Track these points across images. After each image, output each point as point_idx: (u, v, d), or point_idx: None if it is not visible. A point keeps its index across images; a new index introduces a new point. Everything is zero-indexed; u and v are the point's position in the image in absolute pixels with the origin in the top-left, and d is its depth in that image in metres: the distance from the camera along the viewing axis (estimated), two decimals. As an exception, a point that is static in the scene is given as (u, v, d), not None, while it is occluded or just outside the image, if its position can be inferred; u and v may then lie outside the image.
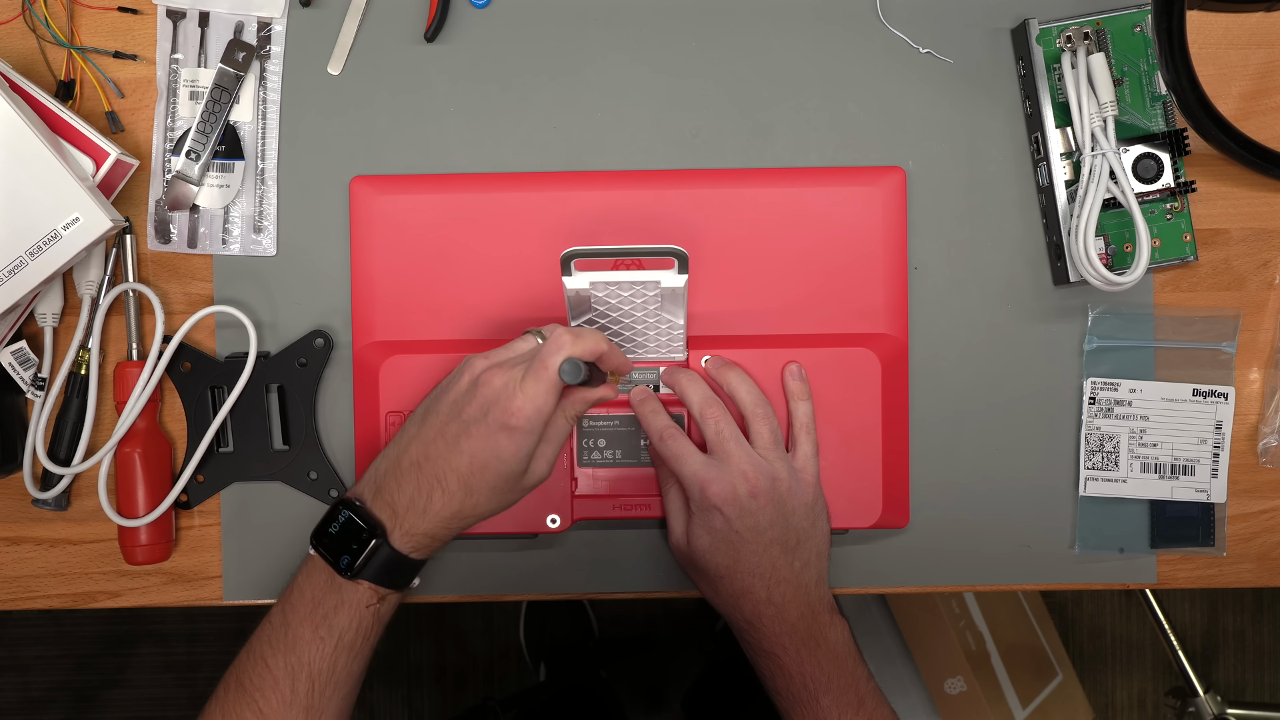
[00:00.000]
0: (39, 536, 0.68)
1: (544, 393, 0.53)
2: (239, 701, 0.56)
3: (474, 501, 0.55)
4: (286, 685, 0.55)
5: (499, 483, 0.55)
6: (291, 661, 0.55)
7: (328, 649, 0.56)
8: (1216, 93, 0.63)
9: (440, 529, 0.56)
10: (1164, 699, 1.46)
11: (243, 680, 0.57)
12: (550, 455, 0.57)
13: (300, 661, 0.55)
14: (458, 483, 0.55)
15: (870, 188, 0.64)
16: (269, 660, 0.56)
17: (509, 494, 0.56)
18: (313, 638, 0.56)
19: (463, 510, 0.55)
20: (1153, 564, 0.67)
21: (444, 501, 0.55)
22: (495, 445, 0.54)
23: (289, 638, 0.56)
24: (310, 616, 0.56)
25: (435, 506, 0.55)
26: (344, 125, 0.66)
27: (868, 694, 0.60)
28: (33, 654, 1.48)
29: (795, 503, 0.60)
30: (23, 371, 0.65)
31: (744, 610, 0.60)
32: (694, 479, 0.59)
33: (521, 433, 0.53)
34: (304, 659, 0.55)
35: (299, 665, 0.55)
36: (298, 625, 0.56)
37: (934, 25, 0.66)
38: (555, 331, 0.54)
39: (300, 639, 0.56)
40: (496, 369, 0.55)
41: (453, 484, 0.55)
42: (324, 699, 0.56)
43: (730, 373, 0.63)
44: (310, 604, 0.56)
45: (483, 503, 0.55)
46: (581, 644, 1.39)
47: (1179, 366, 0.66)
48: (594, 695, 1.27)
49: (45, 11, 0.65)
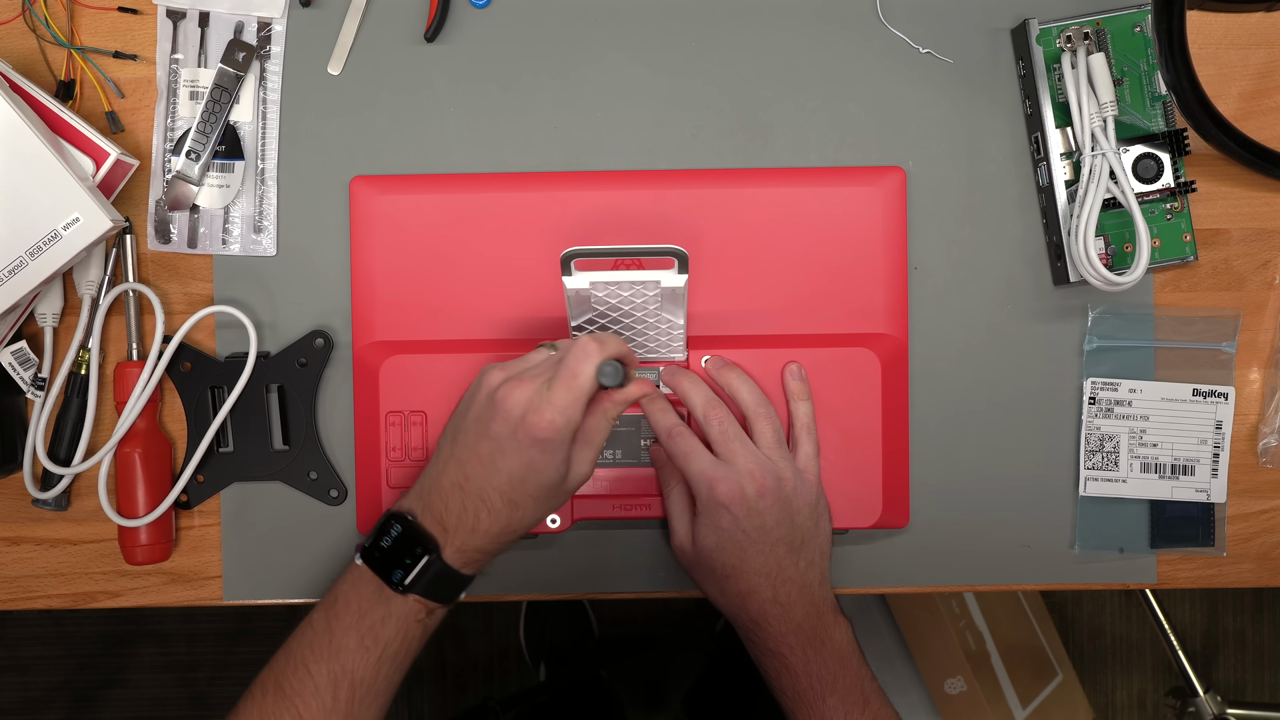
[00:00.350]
0: (39, 536, 0.68)
1: (574, 402, 0.52)
2: (278, 705, 0.56)
3: (521, 515, 0.55)
4: (328, 692, 0.55)
5: (541, 493, 0.55)
6: (335, 669, 0.55)
7: (372, 658, 0.55)
8: (1216, 93, 0.63)
9: (491, 544, 0.56)
10: (1164, 699, 1.46)
11: (282, 684, 0.56)
12: (590, 457, 0.56)
13: (344, 669, 0.55)
14: (501, 500, 0.54)
15: (870, 188, 0.64)
16: (310, 666, 0.56)
17: (553, 500, 0.56)
18: (358, 647, 0.55)
19: (511, 525, 0.55)
20: (1153, 564, 0.67)
21: (491, 519, 0.55)
22: (530, 460, 0.53)
23: (333, 645, 0.56)
24: (356, 626, 0.56)
25: (484, 524, 0.55)
26: (344, 125, 0.66)
27: (872, 694, 0.60)
28: (33, 654, 1.48)
29: (800, 502, 0.60)
30: (23, 371, 0.65)
31: (750, 610, 0.60)
32: (702, 477, 0.59)
33: (554, 445, 0.53)
34: (347, 667, 0.55)
35: (342, 673, 0.55)
36: (343, 634, 0.56)
37: (934, 25, 0.66)
38: (580, 340, 0.54)
39: (345, 647, 0.55)
40: (516, 382, 0.54)
41: (496, 502, 0.55)
42: (363, 706, 0.56)
43: (730, 373, 0.63)
44: (356, 614, 0.56)
45: (529, 514, 0.55)
46: (581, 644, 1.39)
47: (1179, 366, 0.66)
48: (594, 695, 1.27)
49: (45, 11, 0.65)
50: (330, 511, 0.67)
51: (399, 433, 0.64)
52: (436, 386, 0.64)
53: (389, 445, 0.64)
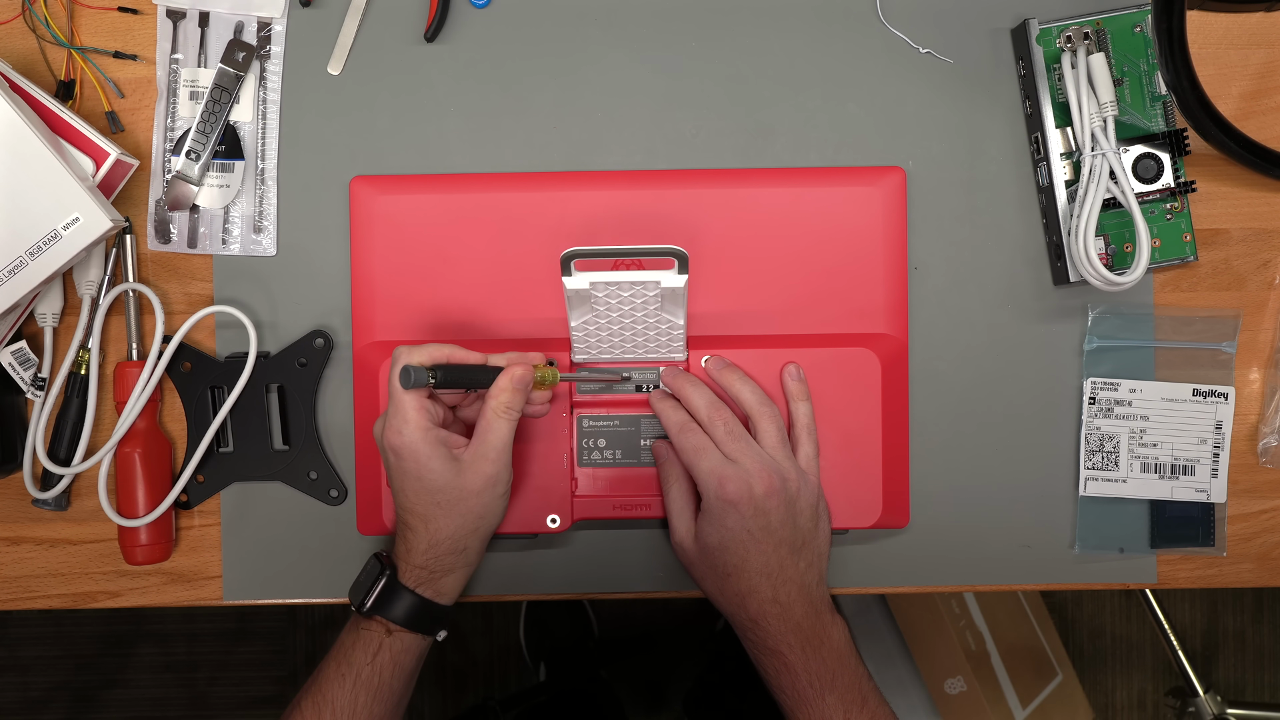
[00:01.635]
0: (39, 536, 0.68)
1: (398, 413, 0.57)
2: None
3: (435, 527, 0.58)
4: None
5: (434, 497, 0.57)
6: (317, 699, 0.59)
7: (347, 685, 0.59)
8: (1216, 93, 0.63)
9: (430, 561, 0.59)
10: (1164, 699, 1.46)
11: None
12: (487, 455, 0.57)
13: (324, 698, 0.59)
14: (413, 518, 0.59)
15: (870, 188, 0.64)
16: (301, 704, 0.60)
17: (458, 504, 0.58)
18: (335, 675, 0.59)
19: (433, 538, 0.58)
20: (1153, 564, 0.67)
21: (414, 538, 0.59)
22: (403, 470, 0.57)
23: (318, 680, 0.60)
24: (334, 656, 0.60)
25: (412, 545, 0.59)
26: (344, 125, 0.66)
27: (870, 692, 0.60)
28: (33, 654, 1.48)
29: (803, 503, 0.60)
30: (23, 371, 0.65)
31: (749, 609, 0.60)
32: (712, 474, 0.59)
33: (405, 448, 0.57)
34: (326, 695, 0.59)
35: (323, 702, 0.59)
36: (325, 667, 0.60)
37: (934, 25, 0.66)
38: None
39: (325, 678, 0.60)
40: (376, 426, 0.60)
41: (411, 521, 0.59)
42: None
43: (731, 374, 0.63)
44: (337, 647, 0.61)
45: (444, 524, 0.58)
46: (581, 644, 1.39)
47: (1179, 366, 0.66)
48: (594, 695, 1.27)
49: (45, 11, 0.65)
50: (330, 511, 0.67)
51: (399, 433, 0.64)
52: (436, 386, 0.64)
53: (389, 445, 0.64)
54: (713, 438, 0.61)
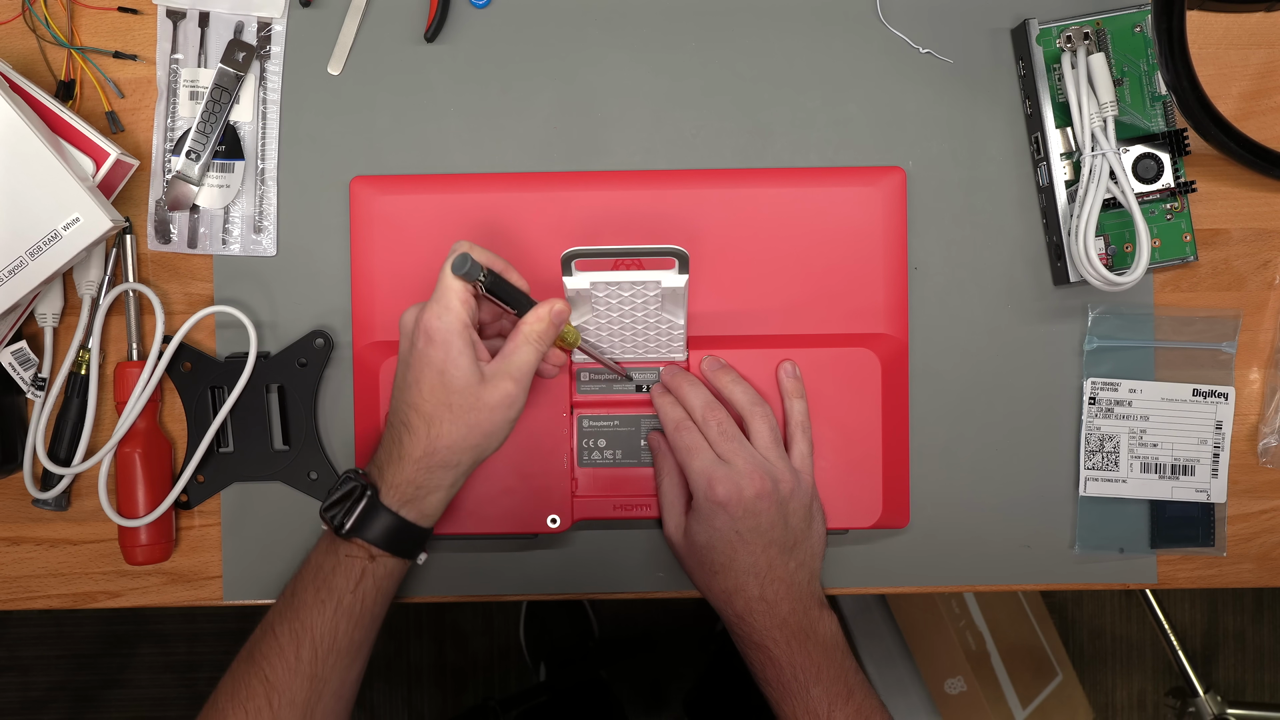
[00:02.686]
0: (39, 536, 0.68)
1: (443, 296, 0.55)
2: (247, 671, 0.57)
3: (438, 431, 0.55)
4: (291, 652, 0.56)
5: (448, 397, 0.55)
6: (295, 627, 0.56)
7: (328, 612, 0.56)
8: (1216, 93, 0.63)
9: (420, 474, 0.56)
10: (1164, 699, 1.46)
11: (252, 651, 0.57)
12: (511, 376, 0.56)
13: (303, 626, 0.56)
14: (417, 417, 0.55)
15: (870, 188, 0.64)
16: (276, 628, 0.57)
17: (469, 412, 0.55)
18: (314, 601, 0.57)
19: (431, 444, 0.55)
20: (1153, 564, 0.67)
21: (412, 441, 0.56)
22: (428, 358, 0.55)
23: (294, 604, 0.57)
24: (313, 581, 0.57)
25: (407, 450, 0.56)
26: (344, 125, 0.66)
27: (856, 685, 0.60)
28: (33, 654, 1.48)
29: (795, 504, 0.61)
30: (23, 371, 0.65)
31: (735, 606, 0.60)
32: (702, 474, 0.59)
33: (440, 335, 0.54)
34: (306, 623, 0.56)
35: (302, 630, 0.56)
36: (302, 591, 0.57)
37: (934, 25, 0.66)
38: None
39: (303, 604, 0.57)
40: (408, 310, 0.57)
41: (413, 420, 0.56)
42: (327, 667, 0.57)
43: (725, 375, 0.63)
44: (313, 570, 0.58)
45: (448, 429, 0.55)
46: (581, 644, 1.39)
47: (1179, 366, 0.66)
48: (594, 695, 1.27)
49: (45, 11, 0.65)
50: (330, 511, 0.67)
51: (399, 433, 0.64)
52: (436, 386, 0.64)
53: (389, 445, 0.64)
54: (706, 437, 0.61)
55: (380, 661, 1.46)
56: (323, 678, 0.56)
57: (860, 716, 0.59)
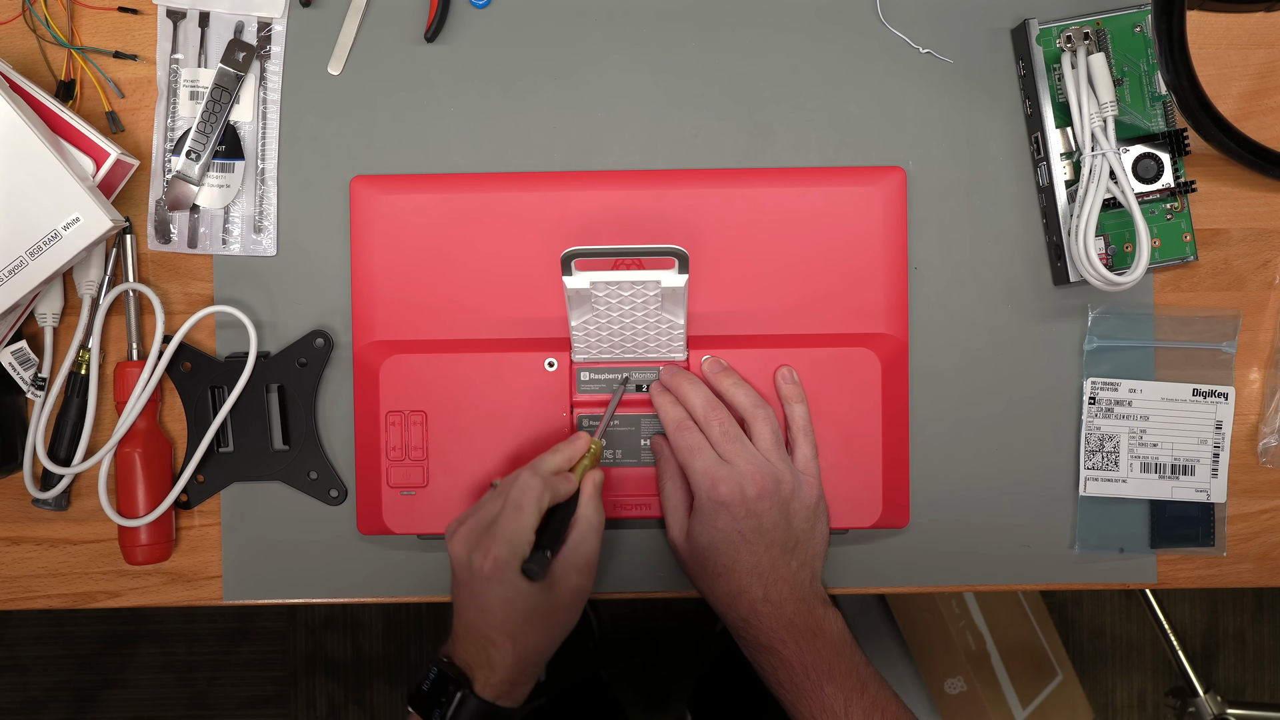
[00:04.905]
0: (39, 536, 0.68)
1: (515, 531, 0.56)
2: None
3: (525, 643, 0.56)
4: None
5: (529, 616, 0.56)
6: None
7: None
8: (1216, 93, 0.63)
9: (515, 674, 0.57)
10: (1164, 699, 1.46)
11: None
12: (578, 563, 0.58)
13: None
14: (500, 636, 0.56)
15: (870, 188, 0.64)
16: None
17: (549, 619, 0.57)
18: None
19: (523, 654, 0.56)
20: (1153, 564, 0.67)
21: (500, 655, 0.56)
22: (499, 595, 0.55)
23: None
24: None
25: (496, 660, 0.56)
26: (344, 125, 0.66)
27: (869, 678, 0.60)
28: (33, 654, 1.48)
29: (798, 505, 0.60)
30: (23, 371, 0.65)
31: (739, 609, 0.60)
32: (705, 474, 0.59)
33: (504, 576, 0.55)
34: None
35: None
36: None
37: (934, 25, 0.66)
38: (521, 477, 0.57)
39: None
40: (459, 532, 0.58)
41: (497, 639, 0.56)
42: None
43: (726, 377, 0.63)
44: None
45: (533, 640, 0.56)
46: (581, 644, 1.39)
47: (1179, 366, 0.66)
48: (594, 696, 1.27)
49: (45, 11, 0.65)
50: (330, 511, 0.67)
51: (399, 433, 0.64)
52: (436, 386, 0.64)
53: (389, 445, 0.64)
54: (708, 437, 0.61)
55: (380, 661, 1.46)
56: None
57: (877, 709, 0.59)
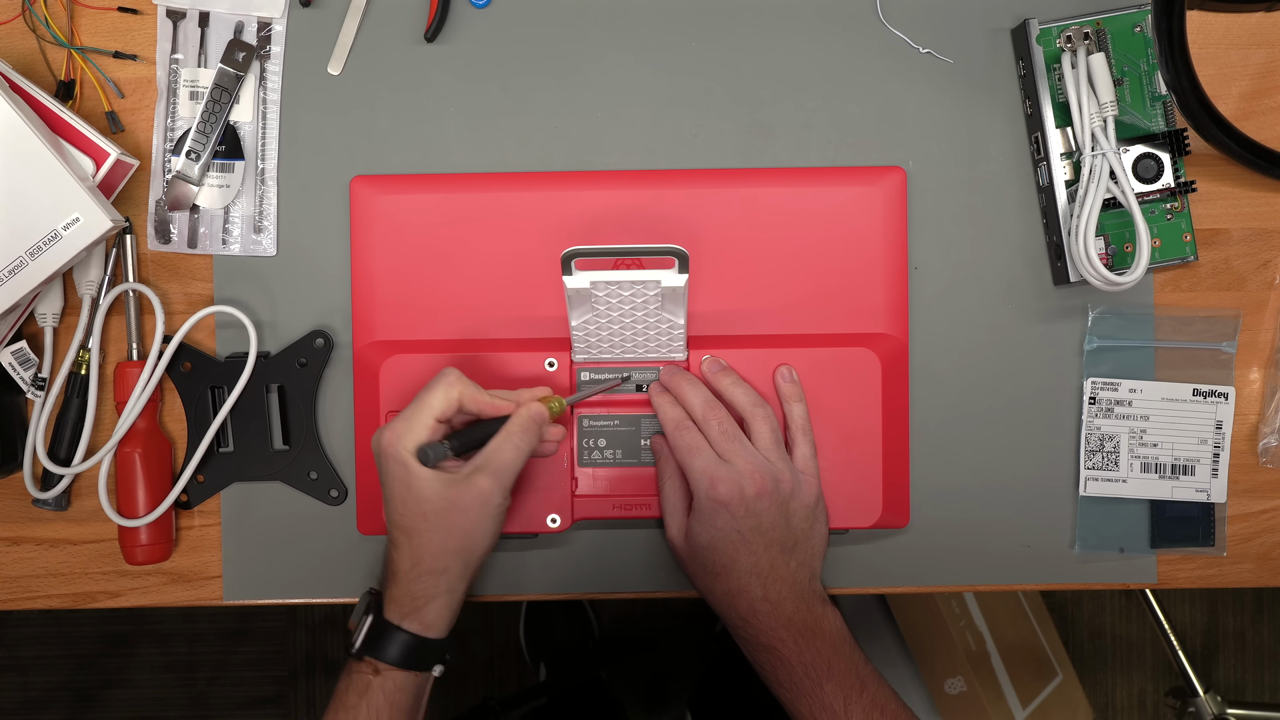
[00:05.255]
0: (39, 536, 0.68)
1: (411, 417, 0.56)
2: None
3: (419, 543, 0.56)
4: None
5: (420, 507, 0.56)
6: None
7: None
8: (1216, 93, 0.63)
9: (412, 585, 0.57)
10: (1164, 699, 1.46)
11: None
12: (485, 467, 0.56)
13: None
14: (399, 533, 0.57)
15: (870, 188, 0.64)
16: None
17: (448, 518, 0.56)
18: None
19: (416, 555, 0.56)
20: (1153, 564, 0.67)
21: (398, 557, 0.57)
22: (392, 476, 0.56)
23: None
24: (331, 705, 0.59)
25: (397, 565, 0.57)
26: (344, 125, 0.66)
27: (868, 676, 0.60)
28: (33, 654, 1.48)
29: (797, 504, 0.60)
30: (23, 371, 0.65)
31: (739, 608, 0.60)
32: (704, 474, 0.59)
33: (392, 448, 0.56)
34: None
35: None
36: (325, 716, 0.59)
37: (934, 25, 0.66)
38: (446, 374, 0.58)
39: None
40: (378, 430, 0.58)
41: (397, 536, 0.57)
42: None
43: (725, 377, 0.63)
44: (334, 694, 0.59)
45: (429, 539, 0.56)
46: (581, 644, 1.39)
47: (1179, 366, 0.66)
48: (594, 696, 1.27)
49: (45, 11, 0.65)
50: (330, 511, 0.67)
51: (399, 433, 0.64)
52: (436, 386, 0.64)
53: (389, 445, 0.64)
54: (707, 437, 0.61)
55: (380, 661, 1.46)
56: None
57: (876, 707, 0.59)
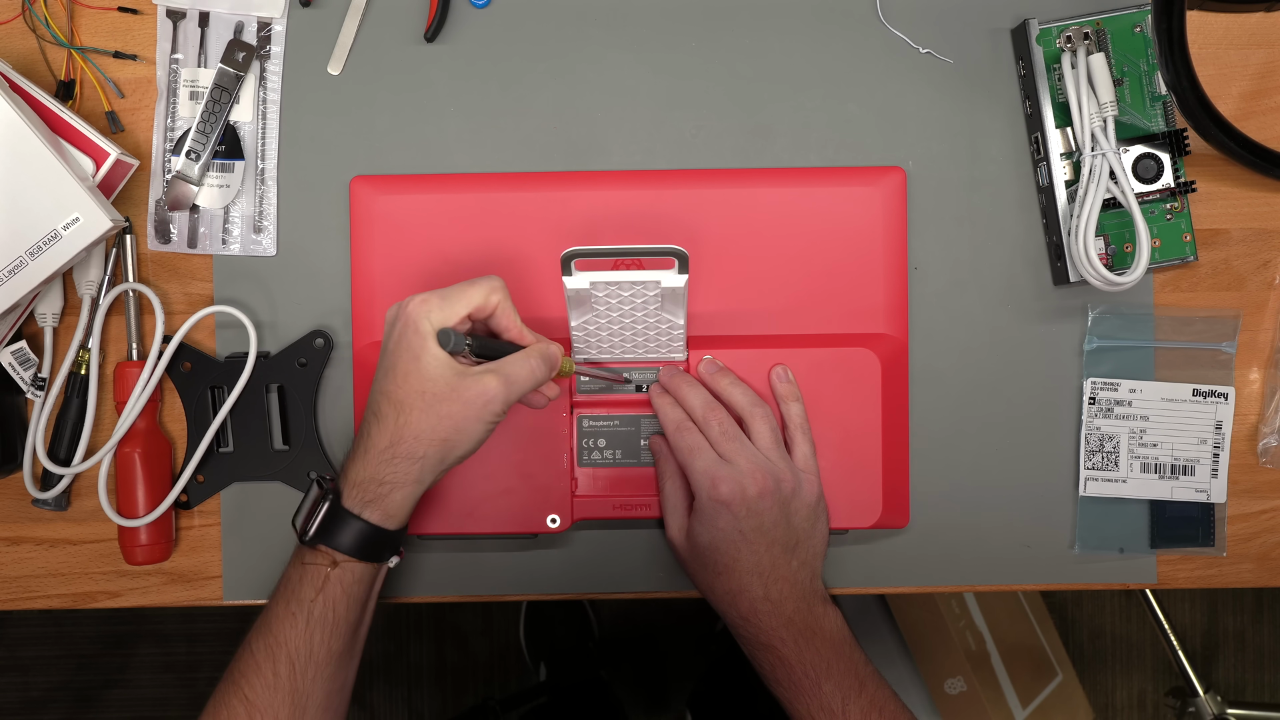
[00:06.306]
0: (39, 536, 0.68)
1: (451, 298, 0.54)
2: (228, 691, 0.56)
3: (406, 419, 0.53)
4: (268, 668, 0.55)
5: (422, 384, 0.53)
6: (269, 642, 0.55)
7: (300, 625, 0.55)
8: (1216, 93, 0.63)
9: (382, 467, 0.54)
10: (1164, 699, 1.46)
11: (232, 671, 0.57)
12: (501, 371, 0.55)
13: (277, 641, 0.55)
14: (388, 404, 0.54)
15: (870, 188, 0.64)
16: (252, 645, 0.56)
17: (443, 402, 0.53)
18: (284, 614, 0.56)
19: (398, 433, 0.54)
20: (1153, 564, 0.67)
21: (379, 431, 0.54)
22: (406, 344, 0.54)
23: (267, 619, 0.56)
24: (283, 594, 0.56)
25: (373, 440, 0.54)
26: (344, 125, 0.66)
27: (867, 677, 0.60)
28: (33, 654, 1.48)
29: (798, 503, 0.61)
30: (23, 371, 0.65)
31: (739, 607, 0.60)
32: (705, 474, 0.59)
33: (415, 318, 0.53)
34: (279, 638, 0.55)
35: (276, 645, 0.55)
36: (273, 605, 0.57)
37: (934, 25, 0.66)
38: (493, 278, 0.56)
39: (275, 617, 0.56)
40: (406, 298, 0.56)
41: (384, 407, 0.54)
42: (307, 680, 0.55)
43: (723, 378, 0.63)
44: (284, 582, 0.57)
45: (417, 418, 0.53)
46: (581, 644, 1.39)
47: (1179, 366, 0.66)
48: (594, 696, 1.27)
49: (45, 11, 0.65)
50: (330, 511, 0.67)
51: (399, 433, 0.64)
52: (436, 386, 0.64)
53: (389, 445, 0.64)
54: (708, 437, 0.61)
55: (380, 661, 1.46)
56: (304, 692, 0.55)
57: (874, 708, 0.59)
